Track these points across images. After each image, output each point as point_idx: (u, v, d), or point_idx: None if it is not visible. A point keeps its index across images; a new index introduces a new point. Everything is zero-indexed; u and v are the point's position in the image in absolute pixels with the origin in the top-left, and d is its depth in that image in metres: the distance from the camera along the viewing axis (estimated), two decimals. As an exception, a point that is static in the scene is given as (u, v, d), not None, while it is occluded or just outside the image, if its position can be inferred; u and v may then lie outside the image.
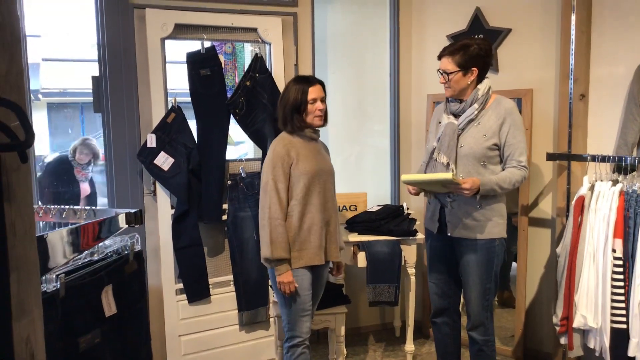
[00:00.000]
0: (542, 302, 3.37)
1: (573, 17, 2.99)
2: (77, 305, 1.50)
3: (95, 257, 1.63)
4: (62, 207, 1.50)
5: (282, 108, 2.62)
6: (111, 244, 1.70)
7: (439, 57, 2.59)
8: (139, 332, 1.87)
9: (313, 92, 2.56)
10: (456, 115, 2.59)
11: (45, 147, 14.67)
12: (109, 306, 1.60)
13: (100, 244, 1.61)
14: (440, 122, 2.67)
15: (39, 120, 14.80)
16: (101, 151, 4.36)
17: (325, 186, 2.63)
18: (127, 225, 1.43)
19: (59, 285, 1.40)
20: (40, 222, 1.55)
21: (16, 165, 0.93)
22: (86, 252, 1.52)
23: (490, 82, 2.61)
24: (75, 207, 1.50)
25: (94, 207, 1.50)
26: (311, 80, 2.60)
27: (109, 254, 1.69)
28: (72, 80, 14.13)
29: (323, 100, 2.60)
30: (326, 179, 2.64)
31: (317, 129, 2.66)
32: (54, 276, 1.37)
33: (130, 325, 1.77)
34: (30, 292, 0.98)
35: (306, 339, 2.61)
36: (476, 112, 2.53)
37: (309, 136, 2.63)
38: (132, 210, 1.42)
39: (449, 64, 2.53)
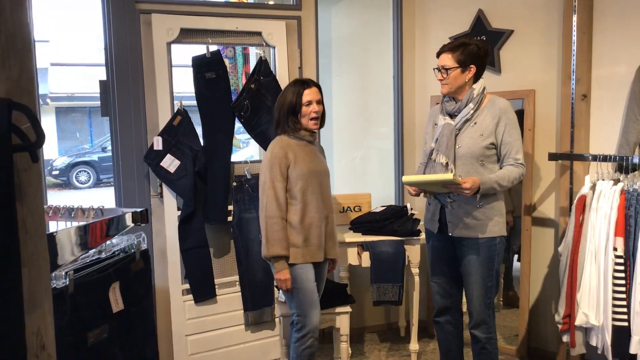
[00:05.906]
0: (545, 301, 3.39)
1: (574, 18, 3.01)
2: (86, 301, 1.55)
3: (103, 255, 1.68)
4: (71, 206, 1.56)
5: (278, 110, 2.71)
6: (118, 242, 1.76)
7: (438, 54, 2.63)
8: (145, 328, 1.92)
9: (308, 94, 2.63)
10: (452, 116, 2.63)
11: (53, 151, 14.83)
12: (116, 302, 1.65)
13: (107, 243, 1.66)
14: (436, 124, 2.70)
15: (47, 124, 14.98)
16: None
17: (322, 186, 2.71)
18: (133, 224, 1.49)
19: (67, 282, 1.45)
20: (49, 222, 1.61)
21: (27, 165, 0.97)
22: (94, 250, 1.57)
23: (487, 82, 2.64)
24: (84, 206, 1.55)
25: (101, 207, 1.56)
26: (308, 83, 2.67)
27: (116, 252, 1.75)
28: (80, 84, 14.29)
29: (319, 102, 2.67)
30: (322, 179, 2.72)
31: (313, 132, 2.71)
32: (63, 273, 1.42)
33: (136, 322, 1.82)
34: (40, 286, 1.02)
35: (316, 331, 2.65)
36: (472, 112, 2.57)
37: (305, 139, 2.69)
38: (138, 210, 1.47)
39: (448, 59, 2.57)
